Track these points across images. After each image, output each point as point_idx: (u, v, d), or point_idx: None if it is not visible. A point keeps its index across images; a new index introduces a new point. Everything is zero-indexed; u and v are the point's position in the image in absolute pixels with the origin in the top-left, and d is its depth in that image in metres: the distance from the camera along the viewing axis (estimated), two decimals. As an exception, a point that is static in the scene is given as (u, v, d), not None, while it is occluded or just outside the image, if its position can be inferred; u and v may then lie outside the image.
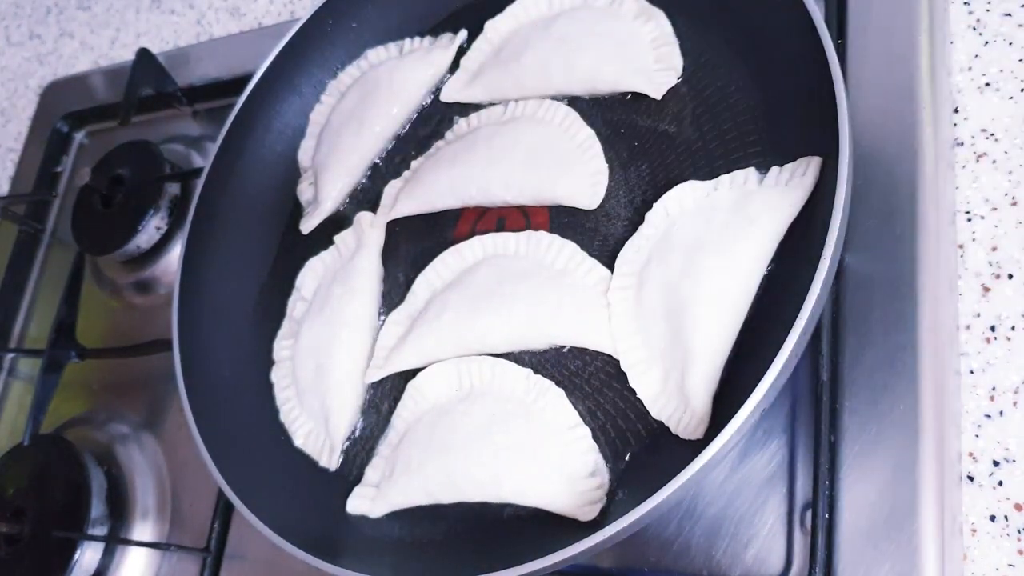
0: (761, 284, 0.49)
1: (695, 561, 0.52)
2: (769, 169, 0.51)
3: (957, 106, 0.59)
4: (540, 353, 0.56)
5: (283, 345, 0.66)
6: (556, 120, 0.61)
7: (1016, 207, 0.55)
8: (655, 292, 0.51)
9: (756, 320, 0.49)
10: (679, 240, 0.52)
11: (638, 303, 0.52)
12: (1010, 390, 0.52)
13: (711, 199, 0.52)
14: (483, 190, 0.61)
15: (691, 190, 0.53)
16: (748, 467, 0.53)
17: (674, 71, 0.59)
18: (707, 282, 0.49)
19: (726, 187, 0.52)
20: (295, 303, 0.67)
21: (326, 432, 0.61)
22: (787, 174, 0.50)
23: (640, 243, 0.54)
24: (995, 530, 0.49)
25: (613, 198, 0.58)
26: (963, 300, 0.54)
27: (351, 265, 0.65)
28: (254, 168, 0.73)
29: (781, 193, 0.49)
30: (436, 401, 0.57)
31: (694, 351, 0.48)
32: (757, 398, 0.42)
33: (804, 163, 0.49)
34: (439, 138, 0.68)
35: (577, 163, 0.59)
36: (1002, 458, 0.51)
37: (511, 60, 0.64)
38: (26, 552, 0.71)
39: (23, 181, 1.00)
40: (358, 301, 0.63)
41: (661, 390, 0.50)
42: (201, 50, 0.94)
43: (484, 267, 0.59)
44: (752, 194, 0.51)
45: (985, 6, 0.60)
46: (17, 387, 0.92)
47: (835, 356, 0.53)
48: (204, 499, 0.71)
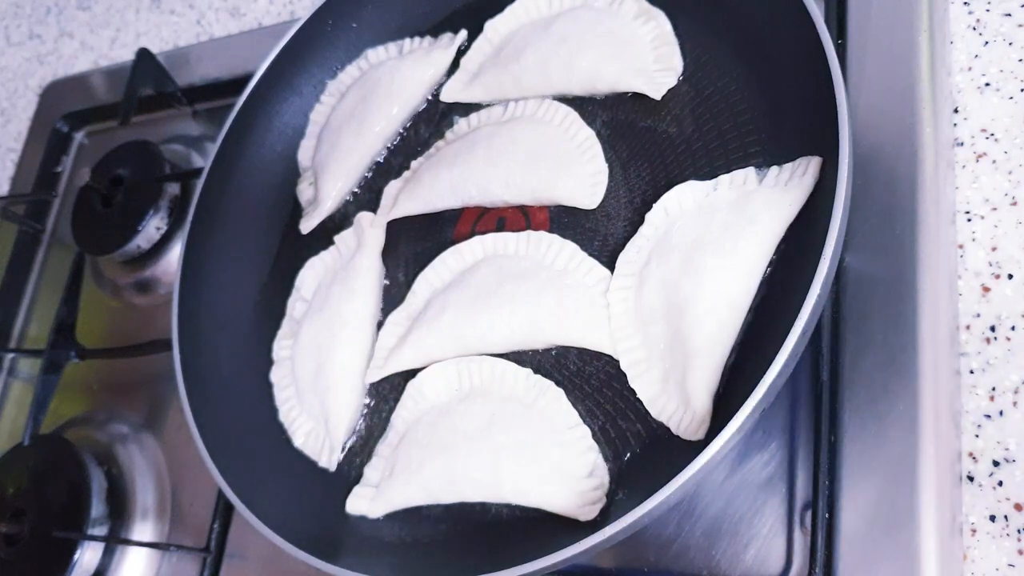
0: (761, 284, 0.49)
1: (695, 561, 0.52)
2: (769, 169, 0.51)
3: (957, 106, 0.59)
4: (540, 353, 0.56)
5: (283, 345, 0.66)
6: (556, 120, 0.61)
7: (1016, 207, 0.55)
8: (655, 292, 0.51)
9: (756, 320, 0.49)
10: (679, 240, 0.52)
11: (638, 303, 0.52)
12: (1010, 390, 0.52)
13: (711, 199, 0.52)
14: (483, 190, 0.61)
15: (691, 190, 0.53)
16: (748, 467, 0.53)
17: (674, 71, 0.59)
18: (707, 282, 0.49)
19: (726, 187, 0.52)
20: (295, 303, 0.67)
21: (326, 432, 0.61)
22: (786, 174, 0.50)
23: (640, 243, 0.54)
24: (995, 530, 0.49)
25: (613, 198, 0.58)
26: (963, 300, 0.54)
27: (351, 265, 0.65)
28: (254, 168, 0.73)
29: (781, 193, 0.49)
30: (436, 401, 0.57)
31: (694, 351, 0.48)
32: (757, 398, 0.42)
33: (804, 163, 0.49)
34: (440, 138, 0.68)
35: (577, 163, 0.59)
36: (1002, 458, 0.51)
37: (511, 60, 0.64)
38: (26, 552, 0.71)
39: (23, 181, 1.00)
40: (358, 301, 0.63)
41: (661, 390, 0.50)
42: (201, 50, 0.94)
43: (484, 267, 0.59)
44: (752, 194, 0.51)
45: (985, 6, 0.60)
46: (17, 387, 0.92)
47: (835, 356, 0.53)
48: (204, 499, 0.71)
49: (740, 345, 0.49)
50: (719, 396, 0.48)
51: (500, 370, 0.56)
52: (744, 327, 0.49)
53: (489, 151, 0.61)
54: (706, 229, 0.51)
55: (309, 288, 0.67)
